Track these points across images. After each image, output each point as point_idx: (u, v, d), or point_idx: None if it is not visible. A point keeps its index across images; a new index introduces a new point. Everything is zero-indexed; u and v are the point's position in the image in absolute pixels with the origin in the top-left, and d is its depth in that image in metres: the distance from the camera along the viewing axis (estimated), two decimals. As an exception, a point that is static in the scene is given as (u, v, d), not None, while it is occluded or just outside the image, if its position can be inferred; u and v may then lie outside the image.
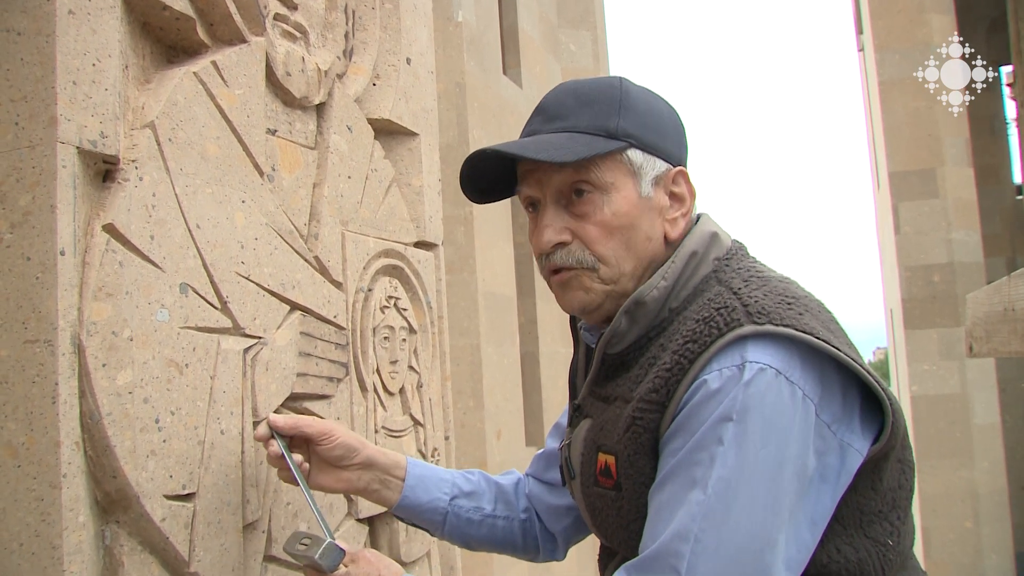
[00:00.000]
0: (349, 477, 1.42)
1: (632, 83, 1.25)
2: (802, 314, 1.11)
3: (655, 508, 1.10)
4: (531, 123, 1.25)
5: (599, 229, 1.19)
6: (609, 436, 1.19)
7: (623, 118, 1.19)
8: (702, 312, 1.14)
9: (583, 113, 1.20)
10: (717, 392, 1.07)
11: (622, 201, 1.19)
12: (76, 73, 1.18)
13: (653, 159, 1.21)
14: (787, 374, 1.07)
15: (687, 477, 1.06)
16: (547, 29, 7.02)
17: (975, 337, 2.67)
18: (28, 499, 1.12)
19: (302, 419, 1.38)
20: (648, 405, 1.13)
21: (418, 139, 1.98)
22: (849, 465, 1.10)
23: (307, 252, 1.57)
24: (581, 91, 1.23)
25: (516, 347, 5.64)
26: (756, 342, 1.08)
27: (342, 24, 1.74)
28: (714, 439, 1.05)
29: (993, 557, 8.47)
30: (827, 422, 1.09)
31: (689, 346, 1.12)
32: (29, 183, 1.15)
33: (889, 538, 1.14)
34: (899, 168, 8.95)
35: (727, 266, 1.21)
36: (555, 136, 1.19)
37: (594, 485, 1.22)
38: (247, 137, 1.45)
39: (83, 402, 1.16)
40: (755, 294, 1.13)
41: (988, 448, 8.59)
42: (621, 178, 1.20)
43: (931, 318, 8.69)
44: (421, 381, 1.90)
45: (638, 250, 1.21)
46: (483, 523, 1.51)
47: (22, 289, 1.14)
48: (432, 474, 1.49)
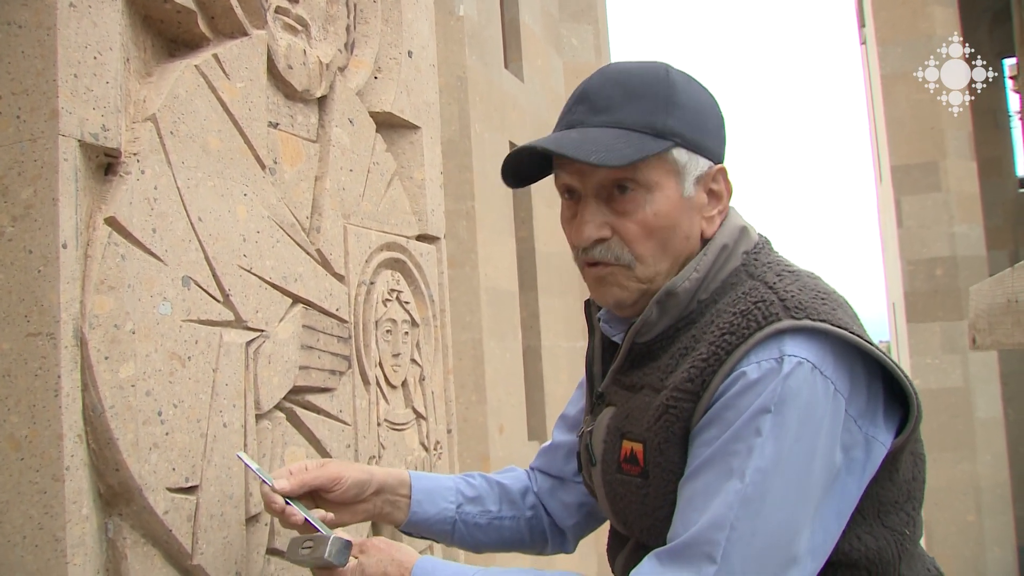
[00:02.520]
0: (366, 508, 1.42)
1: (677, 72, 1.23)
2: (835, 309, 1.13)
3: (687, 496, 1.11)
4: (574, 111, 1.22)
5: (640, 228, 1.18)
6: (636, 424, 1.20)
7: (670, 115, 1.18)
8: (738, 305, 1.15)
9: (630, 107, 1.18)
10: (756, 384, 1.08)
11: (664, 201, 1.18)
12: (77, 66, 1.18)
13: (697, 158, 1.20)
14: (822, 368, 1.09)
15: (724, 466, 1.07)
16: (549, 23, 7.01)
17: (978, 329, 2.67)
18: (31, 492, 1.12)
19: (307, 475, 1.33)
20: (682, 394, 1.14)
21: (420, 132, 1.97)
22: (874, 458, 1.12)
23: (309, 245, 1.57)
24: (628, 82, 1.20)
25: (518, 341, 5.64)
26: (794, 336, 1.10)
27: (343, 17, 1.74)
28: (752, 430, 1.07)
29: (996, 550, 8.47)
30: (854, 416, 1.11)
31: (727, 338, 1.13)
32: (31, 176, 1.15)
33: (906, 527, 1.17)
34: (901, 161, 8.93)
35: (756, 260, 1.22)
36: (602, 132, 1.17)
37: (617, 472, 1.22)
38: (249, 130, 1.45)
39: (86, 395, 1.16)
40: (790, 288, 1.15)
41: (991, 441, 8.59)
42: (665, 177, 1.19)
43: (933, 312, 8.69)
44: (423, 374, 1.90)
45: (676, 249, 1.21)
46: (490, 526, 1.51)
47: (24, 282, 1.14)
48: (436, 485, 1.48)
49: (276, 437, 1.47)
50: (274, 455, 1.47)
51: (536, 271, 6.16)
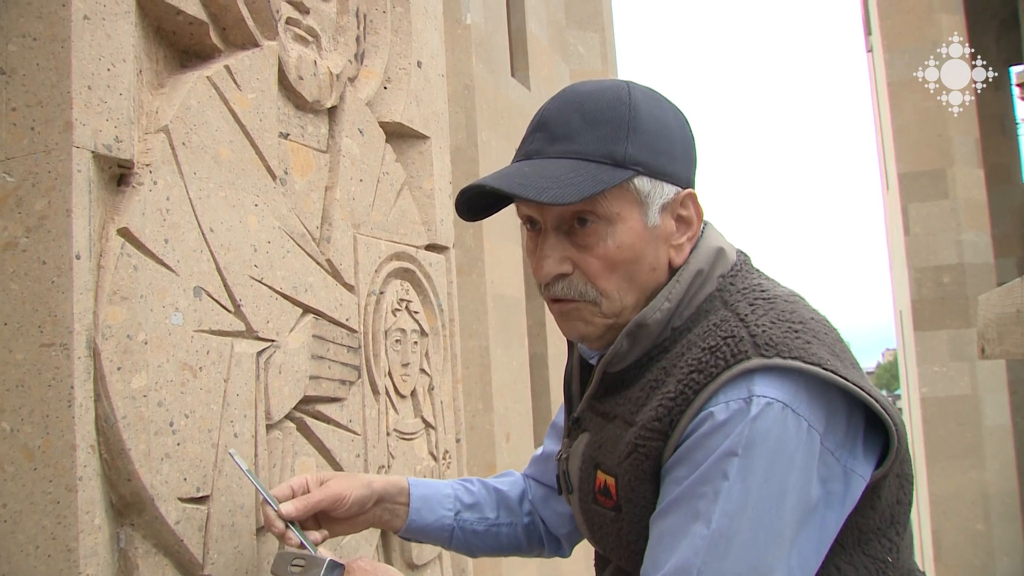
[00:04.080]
0: (365, 519, 1.42)
1: (640, 91, 1.17)
2: (809, 342, 1.09)
3: (656, 535, 1.09)
4: (533, 140, 1.17)
5: (602, 263, 1.14)
6: (609, 456, 1.18)
7: (631, 143, 1.12)
8: (708, 340, 1.11)
9: (589, 135, 1.13)
10: (723, 425, 1.05)
11: (627, 233, 1.13)
12: (91, 78, 1.18)
13: (661, 185, 1.15)
14: (794, 407, 1.05)
15: (690, 509, 1.05)
16: (555, 31, 7.02)
17: (987, 339, 2.66)
18: (44, 502, 1.13)
19: (311, 498, 1.31)
20: (651, 433, 1.11)
21: (429, 142, 1.98)
22: (854, 490, 1.09)
23: (319, 255, 1.58)
24: (587, 108, 1.14)
25: (525, 349, 5.64)
26: (763, 375, 1.06)
27: (353, 28, 1.74)
28: (719, 473, 1.04)
29: (1004, 559, 8.42)
30: (831, 449, 1.07)
31: (694, 376, 1.09)
32: (45, 187, 1.16)
33: (888, 554, 1.14)
34: (908, 169, 8.91)
35: (731, 285, 1.18)
36: (556, 165, 1.12)
37: (592, 502, 1.21)
38: (260, 141, 1.46)
39: (98, 405, 1.16)
40: (762, 322, 1.10)
41: (999, 450, 8.55)
42: (627, 208, 1.13)
43: (941, 319, 8.66)
44: (432, 384, 1.90)
45: (641, 282, 1.16)
46: (488, 533, 1.51)
47: (38, 293, 1.15)
48: (434, 492, 1.48)
49: (286, 447, 1.48)
50: (284, 465, 1.47)
51: (543, 279, 6.15)
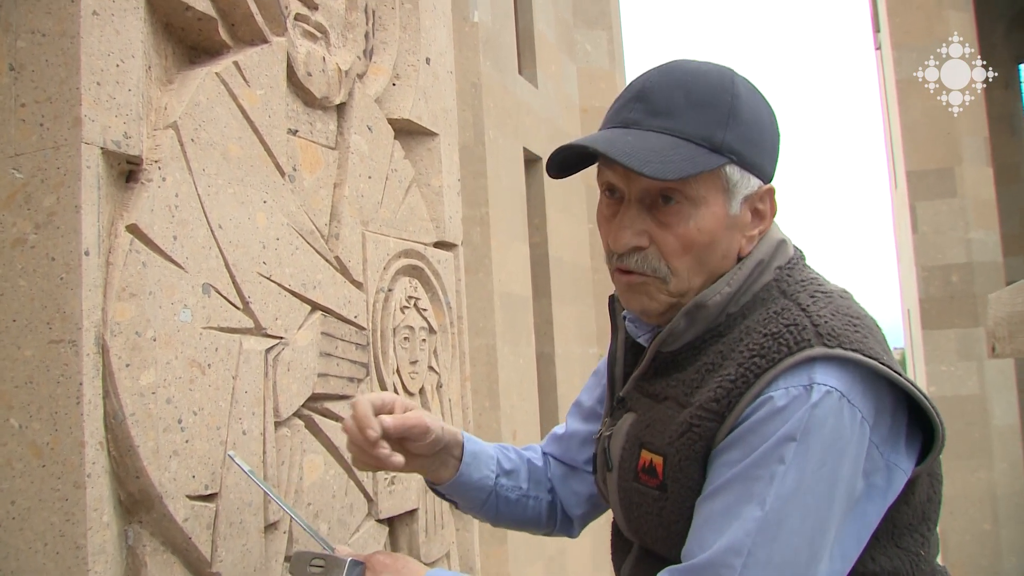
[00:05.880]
0: (426, 462, 1.40)
1: (742, 81, 1.18)
2: (867, 337, 1.11)
3: (704, 516, 1.10)
4: (632, 109, 1.16)
5: (680, 242, 1.15)
6: (658, 436, 1.18)
7: (730, 130, 1.13)
8: (770, 326, 1.13)
9: (691, 116, 1.13)
10: (783, 410, 1.06)
11: (709, 217, 1.15)
12: (100, 74, 1.18)
13: (749, 176, 1.16)
14: (850, 397, 1.07)
15: (744, 491, 1.06)
16: (563, 29, 7.01)
17: (998, 337, 2.65)
18: (53, 499, 1.13)
19: (407, 418, 1.31)
20: (707, 414, 1.12)
21: (438, 139, 1.97)
22: (895, 484, 1.11)
23: (328, 252, 1.57)
24: (692, 88, 1.15)
25: (532, 347, 5.63)
26: (824, 364, 1.08)
27: (362, 24, 1.74)
28: (776, 458, 1.05)
29: (1012, 559, 8.39)
30: (876, 443, 1.10)
31: (756, 360, 1.10)
32: (54, 184, 1.16)
33: (920, 548, 1.17)
34: (916, 167, 8.88)
35: (789, 276, 1.20)
36: (657, 138, 1.12)
37: (634, 480, 1.21)
38: (268, 137, 1.45)
39: (107, 402, 1.16)
40: (823, 313, 1.12)
41: (1007, 449, 8.52)
42: (713, 193, 1.15)
43: (949, 318, 8.63)
44: (441, 381, 1.89)
45: (711, 266, 1.18)
46: (518, 502, 1.50)
47: (47, 289, 1.15)
48: (482, 450, 1.46)
49: (295, 445, 1.47)
50: (292, 463, 1.47)
51: (550, 277, 6.15)
